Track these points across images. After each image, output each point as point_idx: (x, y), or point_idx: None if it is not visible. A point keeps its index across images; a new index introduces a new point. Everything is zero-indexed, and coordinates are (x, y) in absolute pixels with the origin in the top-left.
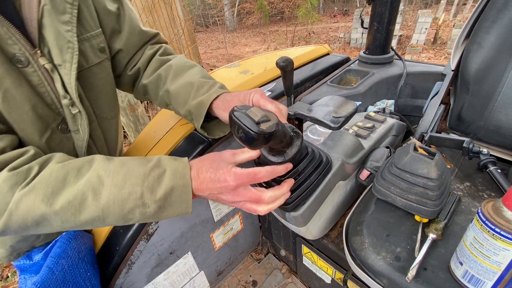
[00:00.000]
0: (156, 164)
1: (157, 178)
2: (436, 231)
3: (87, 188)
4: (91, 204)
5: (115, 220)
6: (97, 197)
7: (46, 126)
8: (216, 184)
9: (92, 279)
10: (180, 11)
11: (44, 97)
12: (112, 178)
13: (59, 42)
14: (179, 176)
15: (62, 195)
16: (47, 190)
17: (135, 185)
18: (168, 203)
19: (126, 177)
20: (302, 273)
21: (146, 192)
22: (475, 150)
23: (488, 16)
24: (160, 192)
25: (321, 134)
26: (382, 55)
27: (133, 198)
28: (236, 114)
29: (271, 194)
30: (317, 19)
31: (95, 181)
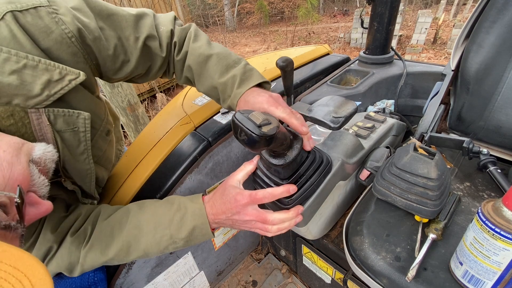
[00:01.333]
0: (178, 208)
1: (180, 220)
2: (436, 231)
3: (129, 238)
4: (135, 249)
5: (156, 254)
6: (138, 243)
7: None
8: (228, 205)
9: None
10: (180, 11)
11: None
12: (146, 226)
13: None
14: (198, 216)
15: (112, 246)
16: (102, 245)
17: (165, 229)
18: (192, 238)
19: (156, 224)
20: (302, 273)
21: (174, 233)
22: (475, 150)
23: (488, 16)
24: (184, 232)
25: (321, 134)
26: (382, 55)
27: (165, 239)
28: (238, 118)
29: (276, 216)
30: (317, 19)
31: (134, 232)
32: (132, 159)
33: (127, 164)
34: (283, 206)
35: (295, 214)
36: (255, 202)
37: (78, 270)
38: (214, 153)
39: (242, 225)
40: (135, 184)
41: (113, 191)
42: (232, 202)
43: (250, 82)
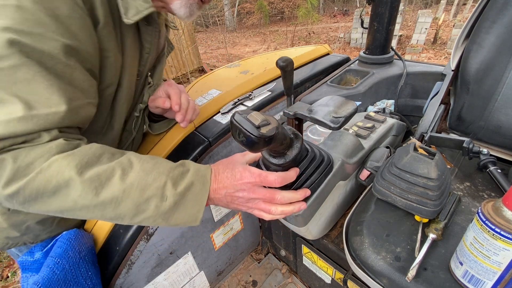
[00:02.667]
0: (181, 164)
1: (181, 173)
2: (436, 231)
3: (118, 166)
4: (116, 182)
5: (128, 208)
6: (124, 177)
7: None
8: (233, 181)
9: (93, 278)
10: None
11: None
12: (142, 164)
13: (160, 74)
14: (201, 174)
15: (94, 168)
16: (83, 159)
17: (162, 174)
18: (184, 201)
19: (155, 166)
20: (302, 273)
21: (169, 183)
22: (475, 150)
23: (488, 16)
24: (182, 185)
25: (321, 134)
26: (382, 55)
27: (156, 185)
28: (236, 119)
29: (284, 195)
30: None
31: (126, 163)
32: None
33: None
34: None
35: (303, 195)
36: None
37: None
38: (214, 153)
39: (241, 204)
40: None
41: None
42: (238, 179)
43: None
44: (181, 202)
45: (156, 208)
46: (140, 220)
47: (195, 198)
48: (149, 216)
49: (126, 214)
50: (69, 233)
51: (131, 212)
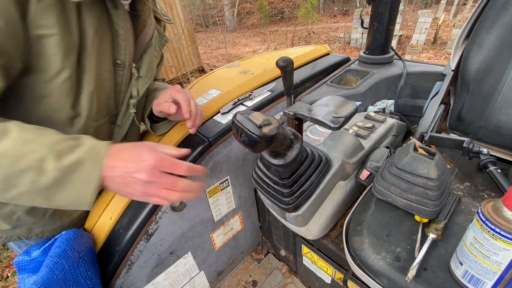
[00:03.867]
0: (76, 137)
1: (70, 147)
2: (436, 231)
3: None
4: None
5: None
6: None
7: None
8: (134, 161)
9: (93, 278)
10: (180, 11)
11: (118, 94)
12: (22, 132)
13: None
14: (95, 151)
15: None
16: None
17: (43, 145)
18: (69, 180)
19: (38, 136)
20: (302, 273)
21: (50, 156)
22: (475, 150)
23: (488, 16)
24: (67, 160)
25: (321, 134)
26: (382, 55)
27: (31, 157)
28: (238, 119)
29: (187, 183)
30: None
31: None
32: None
33: None
34: (283, 207)
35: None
36: (170, 169)
37: None
38: (214, 153)
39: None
40: None
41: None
42: (141, 160)
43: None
44: (65, 180)
45: (32, 183)
46: (13, 195)
47: (83, 177)
48: (23, 191)
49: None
50: (68, 233)
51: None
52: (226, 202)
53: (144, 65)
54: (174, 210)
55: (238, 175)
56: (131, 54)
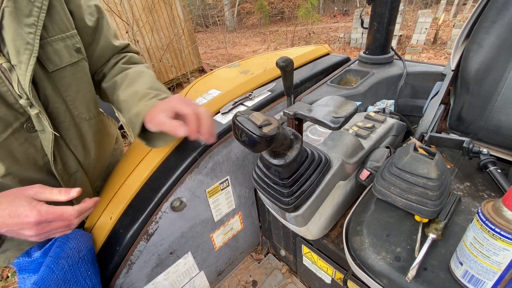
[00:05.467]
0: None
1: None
2: (436, 231)
3: None
4: None
5: None
6: None
7: (5, 126)
8: (15, 220)
9: (92, 278)
10: (180, 11)
11: (6, 97)
12: None
13: (17, 44)
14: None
15: None
16: None
17: None
18: None
19: None
20: (302, 273)
21: None
22: (475, 150)
23: (488, 16)
24: None
25: (321, 134)
26: (382, 55)
27: None
28: (239, 119)
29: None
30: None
31: None
32: (132, 159)
33: (127, 164)
34: (283, 207)
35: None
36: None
37: None
38: (214, 153)
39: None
40: (135, 184)
41: (113, 191)
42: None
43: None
44: None
45: None
46: None
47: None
48: None
49: None
50: (68, 234)
51: None
52: (226, 202)
53: (10, 47)
54: (174, 210)
55: (238, 175)
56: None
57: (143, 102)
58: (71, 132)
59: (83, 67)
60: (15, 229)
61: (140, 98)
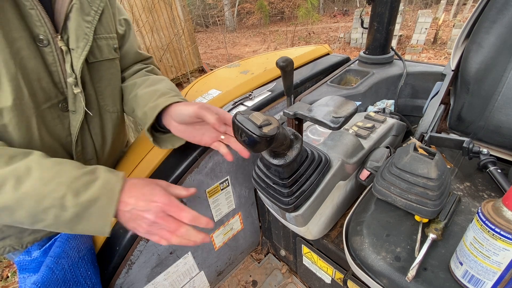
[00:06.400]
0: (91, 171)
1: (86, 183)
2: (436, 231)
3: (11, 175)
4: (8, 191)
5: (25, 216)
6: (17, 186)
7: (46, 99)
8: (145, 200)
9: (92, 278)
10: (180, 11)
11: (54, 75)
12: (42, 172)
13: (78, 32)
14: (109, 187)
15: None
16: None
17: (61, 184)
18: (87, 214)
19: (56, 175)
20: (302, 273)
21: (69, 194)
22: (475, 150)
23: (488, 16)
24: (84, 197)
25: (321, 134)
26: (382, 55)
27: (53, 196)
28: (238, 119)
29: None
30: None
31: (23, 170)
32: (132, 159)
33: (127, 164)
34: (283, 207)
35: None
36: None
37: None
38: (214, 153)
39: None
40: None
41: None
42: (153, 201)
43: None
44: (84, 215)
45: (56, 217)
46: (41, 227)
47: (99, 212)
48: (49, 224)
49: (24, 222)
50: (68, 233)
51: (28, 220)
52: (226, 202)
53: (71, 34)
54: None
55: (238, 175)
56: (50, 24)
57: (163, 98)
58: (95, 120)
59: (116, 65)
60: (140, 211)
61: (160, 95)
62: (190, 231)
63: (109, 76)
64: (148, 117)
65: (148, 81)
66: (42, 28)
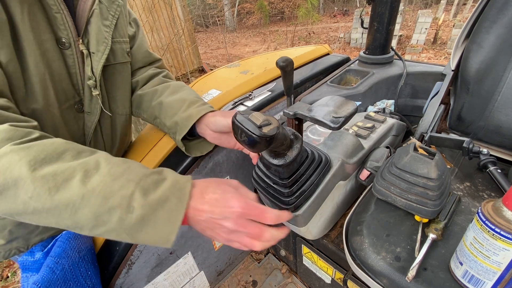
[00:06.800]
0: (158, 171)
1: (155, 182)
2: (436, 231)
3: (80, 167)
4: (75, 186)
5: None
6: (85, 180)
7: (66, 100)
8: (222, 207)
9: (92, 278)
10: (180, 11)
11: (72, 77)
12: (111, 167)
13: (98, 36)
14: (179, 187)
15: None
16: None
17: (130, 181)
18: (154, 217)
19: (125, 171)
20: (302, 273)
21: (137, 193)
22: (475, 150)
23: (488, 16)
24: (153, 197)
25: (321, 134)
26: (382, 55)
27: (121, 194)
28: (238, 119)
29: (272, 233)
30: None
31: (92, 164)
32: (132, 159)
33: None
34: (283, 207)
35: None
36: (256, 218)
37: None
38: (214, 153)
39: (222, 234)
40: None
41: None
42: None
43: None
44: (150, 218)
45: (120, 220)
46: (100, 232)
47: (168, 216)
48: (111, 229)
49: (84, 224)
50: (69, 233)
51: (90, 222)
52: None
53: (92, 38)
54: None
55: (238, 175)
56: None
57: (195, 107)
58: (107, 122)
59: (127, 68)
60: (217, 219)
61: (190, 104)
62: (274, 234)
63: (120, 79)
64: (181, 127)
65: (170, 88)
66: (65, 31)
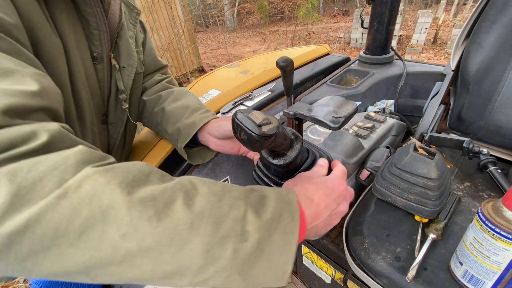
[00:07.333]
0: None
1: (259, 198)
2: (436, 231)
3: (178, 188)
4: (180, 210)
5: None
6: (189, 203)
7: (96, 113)
8: (332, 195)
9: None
10: (180, 11)
11: (102, 90)
12: (209, 186)
13: (128, 50)
14: (286, 200)
15: (144, 188)
16: (128, 176)
17: (237, 199)
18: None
19: (225, 189)
20: (302, 273)
21: (250, 211)
22: (475, 150)
23: (488, 16)
24: (266, 216)
25: (321, 134)
26: (382, 55)
27: (232, 215)
28: (238, 117)
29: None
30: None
31: (188, 185)
32: (132, 160)
33: None
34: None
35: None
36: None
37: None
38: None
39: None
40: None
41: None
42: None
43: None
44: (265, 245)
45: (234, 253)
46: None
47: (282, 240)
48: (221, 268)
49: (190, 265)
50: None
51: (198, 261)
52: None
53: (123, 52)
54: None
55: (238, 175)
56: (107, 43)
57: (198, 115)
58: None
59: (141, 77)
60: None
61: (193, 111)
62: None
63: (137, 89)
64: (183, 134)
65: (173, 94)
66: (100, 47)
